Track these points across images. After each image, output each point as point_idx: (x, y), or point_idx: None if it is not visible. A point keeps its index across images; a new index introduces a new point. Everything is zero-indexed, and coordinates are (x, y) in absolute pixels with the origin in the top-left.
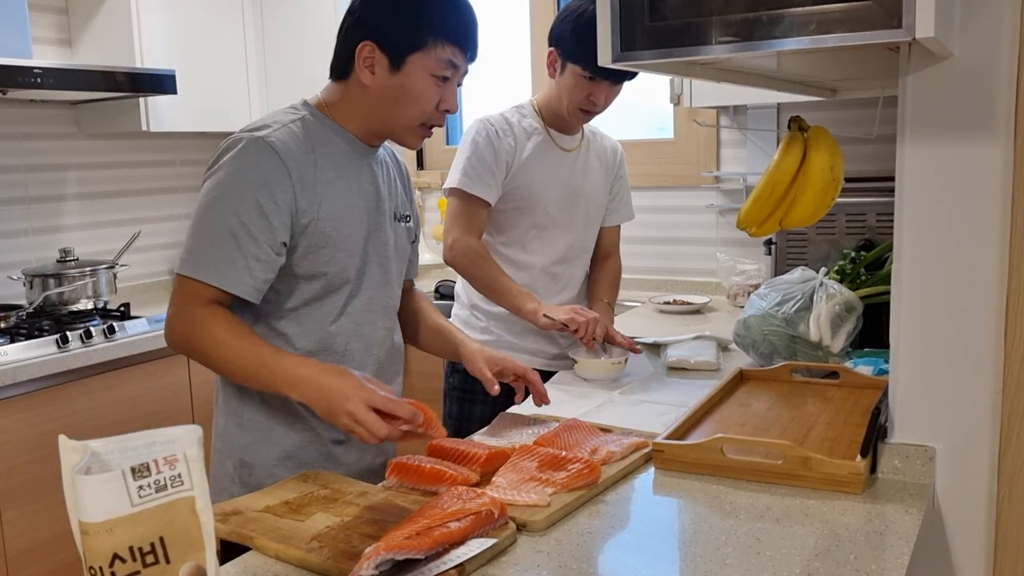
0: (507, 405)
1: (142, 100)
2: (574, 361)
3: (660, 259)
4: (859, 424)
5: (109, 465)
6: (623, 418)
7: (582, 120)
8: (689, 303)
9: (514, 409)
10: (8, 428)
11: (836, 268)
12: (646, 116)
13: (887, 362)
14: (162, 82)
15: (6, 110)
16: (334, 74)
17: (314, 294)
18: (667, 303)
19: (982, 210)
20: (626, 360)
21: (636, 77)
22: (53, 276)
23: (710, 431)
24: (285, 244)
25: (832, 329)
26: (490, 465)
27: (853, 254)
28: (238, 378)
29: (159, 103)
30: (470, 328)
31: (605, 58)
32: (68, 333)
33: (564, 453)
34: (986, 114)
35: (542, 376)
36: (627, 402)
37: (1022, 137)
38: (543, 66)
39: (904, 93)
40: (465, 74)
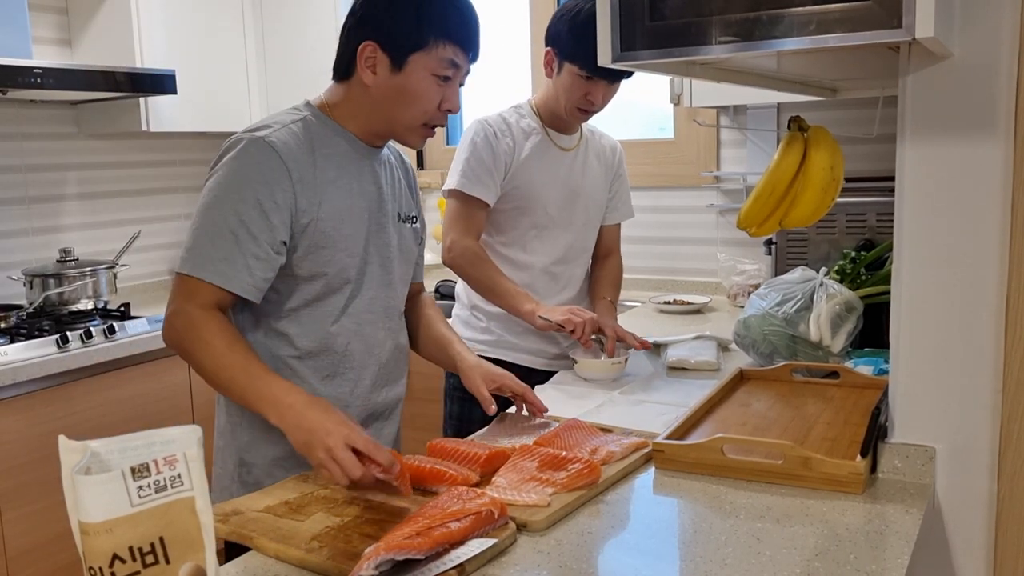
0: (507, 405)
1: (142, 100)
2: (574, 361)
3: (660, 259)
4: (859, 424)
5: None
6: (623, 418)
7: (580, 119)
8: (689, 303)
9: (513, 409)
10: (8, 428)
11: (836, 268)
12: (646, 116)
13: (887, 362)
14: (162, 82)
15: (6, 110)
16: (336, 74)
17: (314, 294)
18: (667, 303)
19: (982, 210)
20: (626, 360)
21: (633, 76)
22: (53, 276)
23: (710, 431)
24: (285, 243)
25: (832, 329)
26: (490, 465)
27: (853, 254)
28: (222, 389)
29: (159, 103)
30: (471, 328)
31: (605, 58)
32: (68, 333)
33: (564, 453)
34: (986, 114)
35: (542, 376)
36: (627, 402)
37: (1022, 137)
38: (543, 66)
39: (904, 93)
40: (467, 74)
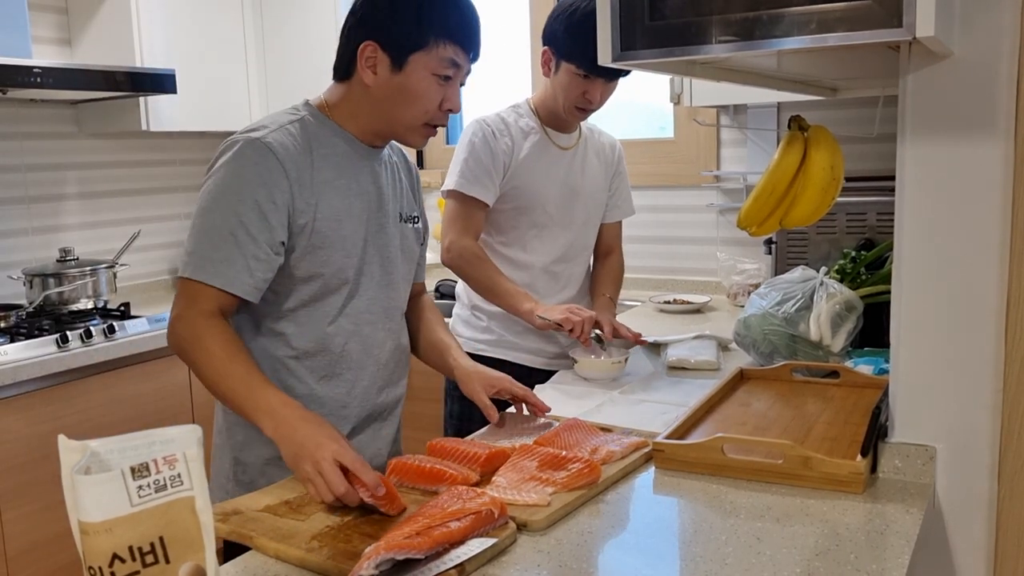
0: (508, 404)
1: (142, 100)
2: (574, 361)
3: (660, 258)
4: (859, 423)
5: (109, 465)
6: (623, 417)
7: (579, 118)
8: (689, 302)
9: (513, 409)
10: (8, 428)
11: (836, 267)
12: (646, 115)
13: (887, 361)
14: (162, 82)
15: (6, 110)
16: (336, 74)
17: (312, 295)
18: (667, 302)
19: (982, 209)
20: (626, 360)
21: (633, 75)
22: (53, 276)
23: (710, 431)
24: (283, 244)
25: (832, 328)
26: (490, 465)
27: (853, 253)
28: (222, 398)
29: (159, 103)
30: (471, 328)
31: (605, 57)
32: (68, 333)
33: (564, 453)
34: (986, 113)
35: (543, 375)
36: (627, 401)
37: (1022, 136)
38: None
39: (904, 92)
40: (468, 73)
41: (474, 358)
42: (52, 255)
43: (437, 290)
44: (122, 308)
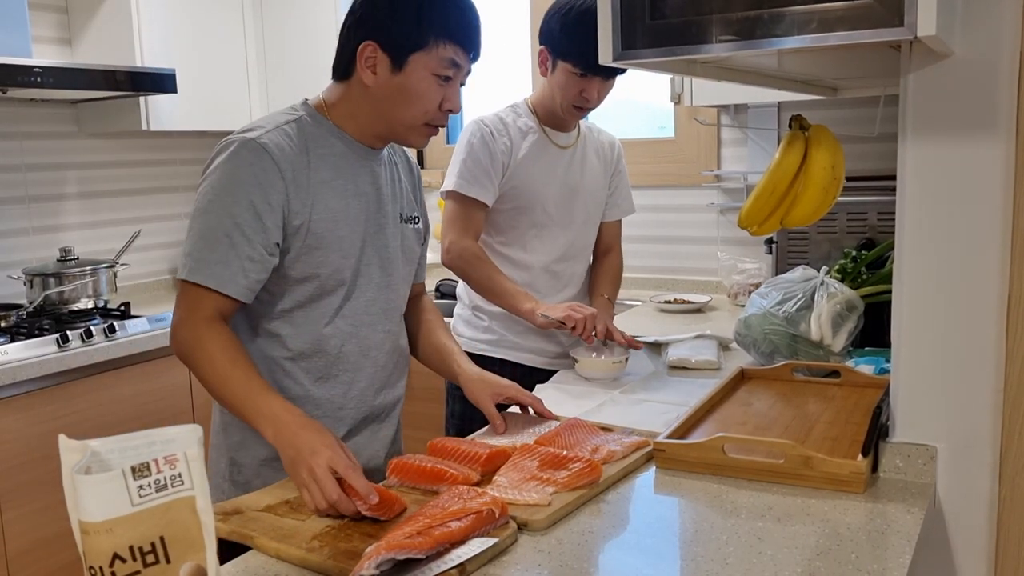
0: (508, 404)
1: (142, 99)
2: (575, 360)
3: (661, 258)
4: (860, 423)
5: (109, 465)
6: (624, 417)
7: (576, 117)
8: (690, 302)
9: (515, 408)
10: (8, 427)
11: (837, 267)
12: (646, 115)
13: (888, 361)
14: (162, 81)
15: (6, 109)
16: (336, 74)
17: (307, 296)
18: (668, 302)
19: (983, 209)
20: (627, 359)
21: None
22: (53, 275)
23: (711, 430)
24: (278, 245)
25: (833, 328)
26: (491, 464)
27: (854, 253)
28: (224, 403)
29: (159, 102)
30: (472, 328)
31: (606, 56)
32: (68, 332)
33: (565, 452)
34: (988, 113)
35: (544, 375)
36: (628, 401)
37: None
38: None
39: (905, 92)
40: (468, 73)
41: (475, 358)
42: (52, 255)
43: (437, 290)
44: (122, 308)
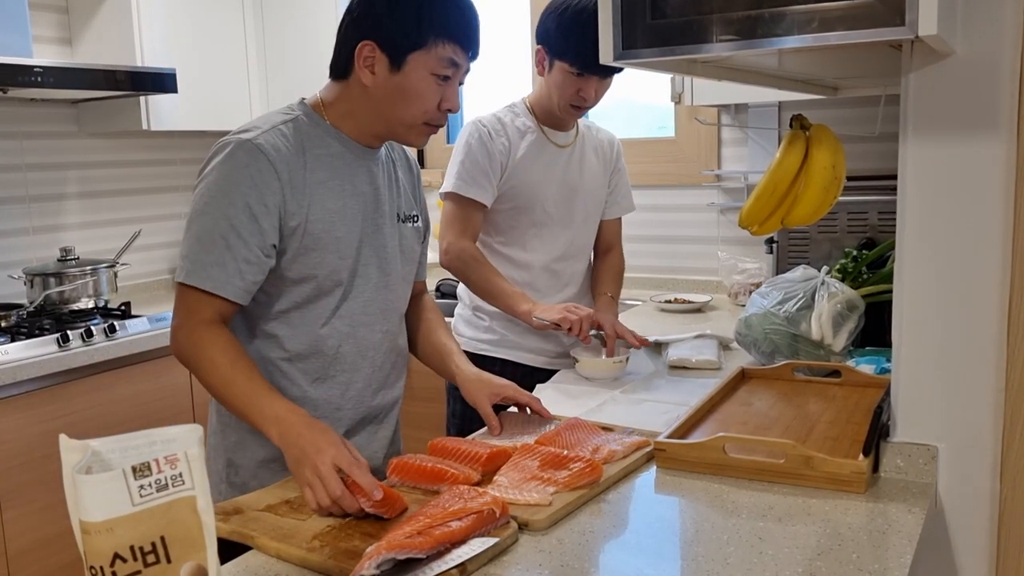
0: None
1: (142, 99)
2: (575, 360)
3: (661, 258)
4: (861, 423)
5: (110, 464)
6: (625, 417)
7: (574, 116)
8: (690, 302)
9: (513, 408)
10: (9, 427)
11: (838, 267)
12: (647, 114)
13: (889, 361)
14: (162, 81)
15: (7, 109)
16: (333, 73)
17: (304, 297)
18: (668, 302)
19: (985, 208)
20: (627, 359)
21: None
22: (54, 275)
23: (712, 430)
24: (275, 246)
25: (834, 328)
26: (492, 464)
27: (855, 252)
28: (227, 405)
29: (159, 102)
30: (473, 328)
31: (607, 56)
32: (69, 332)
33: (566, 452)
34: (989, 112)
35: (545, 375)
36: (629, 401)
37: None
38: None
39: (906, 91)
40: (467, 72)
41: (476, 358)
42: (53, 254)
43: (438, 289)
44: (123, 307)
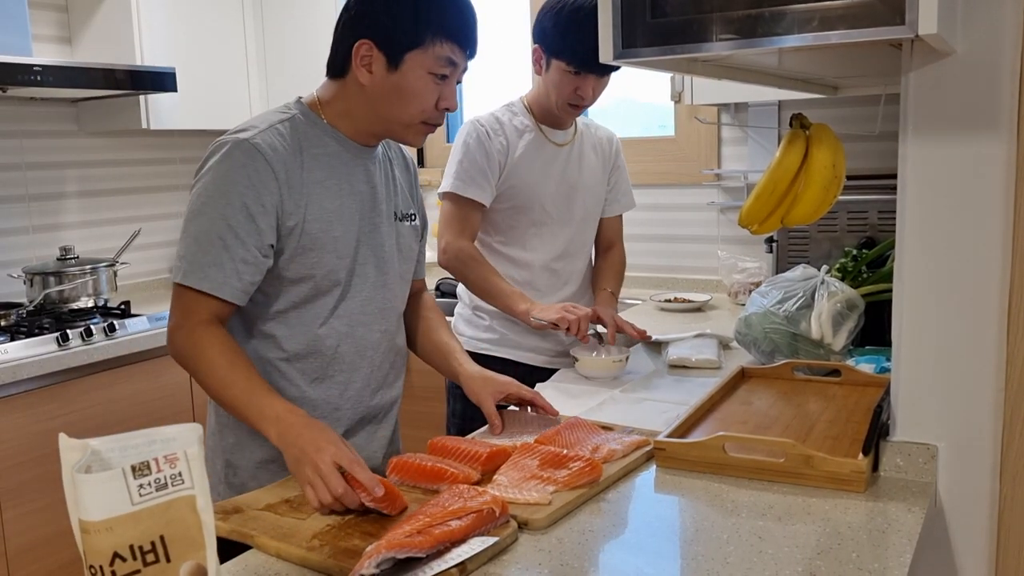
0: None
1: (142, 98)
2: (575, 359)
3: (661, 257)
4: (861, 422)
5: (109, 463)
6: (624, 416)
7: (572, 114)
8: (690, 301)
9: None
10: (8, 426)
11: (838, 266)
12: (647, 114)
13: (889, 360)
14: (162, 80)
15: (6, 108)
16: (330, 72)
17: (302, 297)
18: (668, 301)
19: (985, 207)
20: (627, 358)
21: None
22: (53, 274)
23: (712, 429)
24: (272, 246)
25: (834, 327)
26: (491, 463)
27: (855, 252)
28: (226, 406)
29: (159, 101)
30: (473, 327)
31: (607, 55)
32: (68, 331)
33: (565, 451)
34: (989, 111)
35: (545, 374)
36: (628, 400)
37: None
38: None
39: (907, 90)
40: (464, 71)
41: (476, 357)
42: (52, 253)
43: (438, 288)
44: (122, 307)
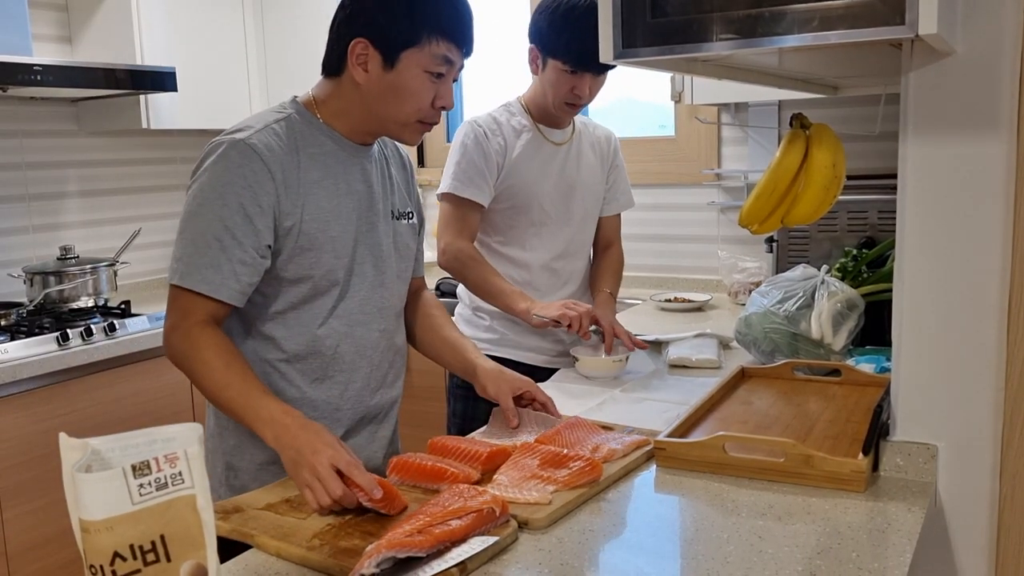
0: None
1: (142, 97)
2: (575, 359)
3: (661, 257)
4: (861, 422)
5: (110, 463)
6: (625, 416)
7: (569, 113)
8: (690, 301)
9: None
10: (8, 426)
11: (838, 266)
12: (647, 113)
13: (889, 360)
14: (162, 79)
15: (6, 107)
16: (326, 70)
17: (301, 297)
18: (668, 301)
19: (985, 207)
20: (627, 358)
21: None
22: (54, 274)
23: (712, 429)
24: (270, 247)
25: (834, 327)
26: (491, 463)
27: (855, 251)
28: (222, 408)
29: (159, 100)
30: (474, 327)
31: (607, 55)
32: (69, 331)
33: (566, 451)
34: (989, 111)
35: (546, 373)
36: (628, 400)
37: None
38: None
39: (907, 90)
40: (461, 69)
41: None
42: (53, 253)
43: (438, 288)
44: (122, 306)
